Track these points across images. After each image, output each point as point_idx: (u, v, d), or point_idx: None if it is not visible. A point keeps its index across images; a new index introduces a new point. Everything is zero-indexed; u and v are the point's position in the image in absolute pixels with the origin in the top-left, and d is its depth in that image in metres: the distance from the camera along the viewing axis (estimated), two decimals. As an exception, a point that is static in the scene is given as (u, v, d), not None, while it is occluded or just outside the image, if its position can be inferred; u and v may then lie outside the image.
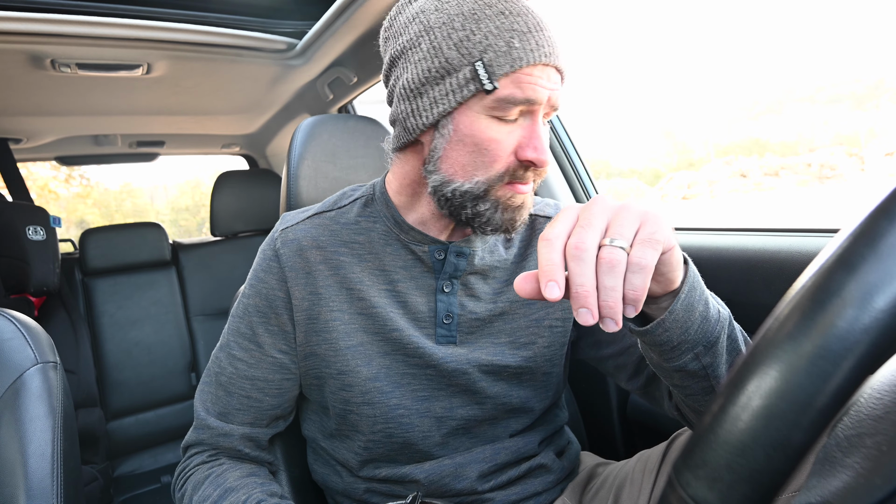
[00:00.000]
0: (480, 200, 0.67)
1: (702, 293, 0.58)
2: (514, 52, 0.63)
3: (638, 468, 0.80)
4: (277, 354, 0.77)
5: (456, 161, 0.67)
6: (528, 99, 0.64)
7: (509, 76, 0.63)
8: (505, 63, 0.63)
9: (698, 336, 0.57)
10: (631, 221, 0.48)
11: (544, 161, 0.66)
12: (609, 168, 7.44)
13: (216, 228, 2.44)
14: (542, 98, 0.65)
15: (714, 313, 0.59)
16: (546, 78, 0.65)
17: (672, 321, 0.56)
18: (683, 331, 0.56)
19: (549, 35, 0.65)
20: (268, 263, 0.77)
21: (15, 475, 0.68)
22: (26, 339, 0.76)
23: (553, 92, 0.66)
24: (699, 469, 0.28)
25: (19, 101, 1.85)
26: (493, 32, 0.63)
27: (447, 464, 0.76)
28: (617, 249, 0.46)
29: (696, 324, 0.57)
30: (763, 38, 11.63)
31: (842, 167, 3.86)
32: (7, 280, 1.84)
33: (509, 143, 0.66)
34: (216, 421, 0.78)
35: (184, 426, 2.35)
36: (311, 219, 0.79)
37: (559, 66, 0.66)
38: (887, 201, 0.26)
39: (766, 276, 0.95)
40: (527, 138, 0.65)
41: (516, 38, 0.63)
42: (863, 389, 0.29)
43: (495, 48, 0.63)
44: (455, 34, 0.65)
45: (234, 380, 0.77)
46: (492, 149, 0.66)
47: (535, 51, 0.63)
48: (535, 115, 0.66)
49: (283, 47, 1.60)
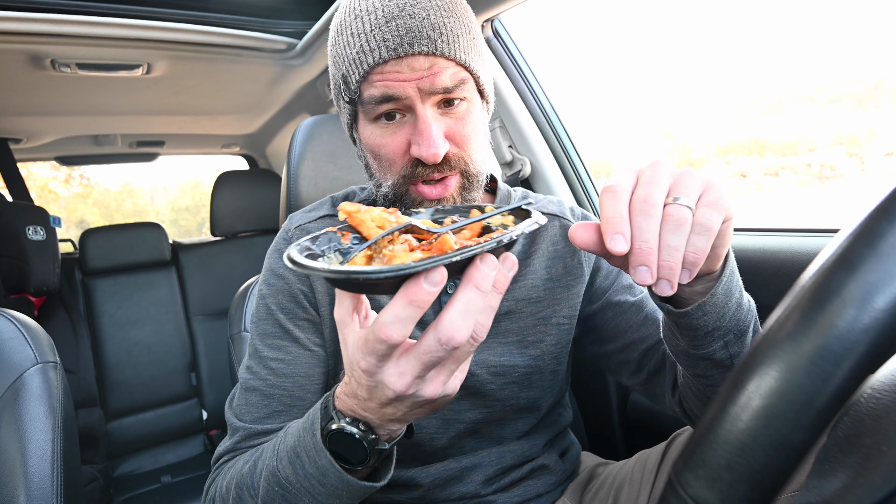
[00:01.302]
0: (396, 205, 0.68)
1: (738, 280, 0.57)
2: (360, 57, 0.63)
3: (637, 468, 0.80)
4: (314, 347, 0.74)
5: (373, 167, 0.70)
6: (386, 96, 0.62)
7: (366, 80, 0.64)
8: (355, 70, 0.63)
9: (732, 323, 0.57)
10: (696, 184, 0.46)
11: (431, 157, 0.62)
12: (609, 168, 7.41)
13: (216, 228, 2.44)
14: (403, 92, 0.62)
15: (746, 303, 0.59)
16: (406, 69, 0.61)
17: (712, 304, 0.54)
18: (720, 316, 0.55)
19: (399, 24, 0.60)
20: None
21: (15, 475, 0.68)
22: (26, 339, 0.76)
23: (422, 81, 0.61)
24: (699, 469, 0.28)
25: (19, 101, 1.86)
26: (349, 41, 0.64)
27: (453, 467, 0.76)
28: (684, 208, 0.44)
29: (732, 310, 0.56)
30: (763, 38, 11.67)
31: (842, 167, 3.87)
32: (7, 280, 1.84)
33: (399, 144, 0.65)
34: (256, 425, 0.70)
35: (184, 426, 2.35)
36: (322, 220, 0.79)
37: (419, 52, 0.61)
38: (887, 201, 0.26)
39: (766, 276, 0.95)
40: (413, 134, 0.64)
41: (362, 40, 0.62)
42: (863, 389, 0.29)
43: (349, 57, 0.64)
44: (332, 51, 0.67)
45: (271, 382, 0.71)
46: (382, 153, 0.67)
47: (377, 49, 0.61)
48: (416, 109, 0.63)
49: (283, 47, 1.60)
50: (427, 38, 0.61)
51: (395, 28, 0.60)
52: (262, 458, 0.60)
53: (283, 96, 2.09)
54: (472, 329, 0.41)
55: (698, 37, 4.83)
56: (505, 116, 1.46)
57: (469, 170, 0.67)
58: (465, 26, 0.64)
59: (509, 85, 1.43)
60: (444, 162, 0.65)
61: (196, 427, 2.38)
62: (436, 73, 0.62)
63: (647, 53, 5.63)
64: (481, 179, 0.70)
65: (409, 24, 0.60)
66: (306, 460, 0.53)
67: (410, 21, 0.60)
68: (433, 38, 0.61)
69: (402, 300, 0.39)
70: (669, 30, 4.92)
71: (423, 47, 0.61)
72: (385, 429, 0.50)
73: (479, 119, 0.68)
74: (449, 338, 0.40)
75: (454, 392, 0.46)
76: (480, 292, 0.40)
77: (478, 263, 0.40)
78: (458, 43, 0.63)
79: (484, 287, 0.40)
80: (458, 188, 0.68)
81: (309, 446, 0.52)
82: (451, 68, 0.63)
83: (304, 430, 0.54)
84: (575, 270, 0.78)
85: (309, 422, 0.54)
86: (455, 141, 0.66)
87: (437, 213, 0.56)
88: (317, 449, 0.52)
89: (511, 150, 1.48)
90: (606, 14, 5.10)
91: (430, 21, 0.61)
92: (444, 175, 0.66)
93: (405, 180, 0.66)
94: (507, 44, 1.40)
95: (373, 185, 0.73)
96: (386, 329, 0.39)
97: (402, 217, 0.49)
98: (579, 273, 0.78)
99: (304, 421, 0.55)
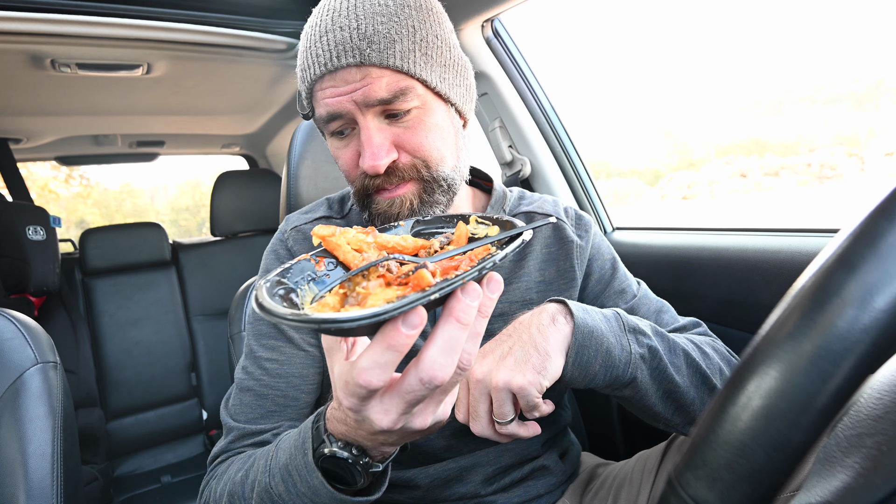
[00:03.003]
0: (362, 211, 0.70)
1: (598, 348, 0.61)
2: (302, 74, 0.65)
3: (637, 468, 0.79)
4: (309, 347, 0.74)
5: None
6: (330, 115, 0.63)
7: (313, 97, 0.65)
8: (303, 88, 0.65)
9: (608, 381, 0.62)
10: (507, 401, 0.58)
11: (373, 168, 0.62)
12: (609, 168, 7.44)
13: (216, 228, 2.44)
14: (341, 108, 0.62)
15: (622, 357, 0.62)
16: (341, 82, 0.61)
17: (570, 379, 0.61)
18: (588, 381, 0.62)
19: (329, 38, 0.60)
20: (281, 261, 0.77)
21: (15, 475, 0.68)
22: (26, 339, 0.76)
23: (355, 93, 0.61)
24: (699, 469, 0.28)
25: (19, 101, 1.85)
26: (299, 59, 0.66)
27: (452, 467, 0.76)
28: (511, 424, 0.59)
29: (601, 374, 0.61)
30: (763, 38, 11.65)
31: (842, 167, 3.87)
32: (7, 280, 1.84)
33: (351, 156, 0.67)
34: (250, 425, 0.70)
35: (184, 426, 2.35)
36: (318, 221, 0.80)
37: (349, 64, 0.60)
38: (887, 201, 0.26)
39: (766, 276, 0.95)
40: (360, 146, 0.64)
41: (303, 57, 0.64)
42: (863, 389, 0.29)
43: (298, 75, 0.66)
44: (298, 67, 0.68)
45: (265, 383, 0.72)
46: (341, 165, 0.69)
47: (312, 65, 0.62)
48: (358, 122, 0.63)
49: (283, 47, 1.60)
50: (355, 49, 0.60)
51: (326, 43, 0.61)
52: (254, 469, 0.60)
53: (283, 96, 2.09)
54: (456, 364, 0.39)
55: (699, 37, 4.85)
56: (505, 116, 1.46)
57: (425, 176, 0.66)
58: (406, 29, 0.62)
59: (509, 85, 1.43)
60: (392, 172, 0.65)
61: (196, 427, 2.38)
62: (368, 83, 0.61)
63: (647, 53, 5.65)
64: (448, 183, 0.69)
65: (337, 36, 0.60)
66: (298, 479, 0.52)
67: (340, 34, 0.60)
68: (361, 49, 0.60)
69: (380, 345, 0.37)
70: (669, 30, 4.93)
71: (350, 59, 0.60)
72: (378, 451, 0.50)
73: (436, 125, 0.66)
74: (431, 377, 0.38)
75: (445, 417, 0.46)
76: (462, 325, 0.38)
77: (459, 295, 0.38)
78: (393, 49, 0.61)
79: (466, 320, 0.38)
80: (416, 193, 0.67)
81: (300, 465, 0.52)
82: (386, 77, 0.61)
83: (296, 449, 0.54)
84: (567, 274, 0.79)
85: (300, 440, 0.54)
86: (406, 149, 0.65)
87: (417, 224, 0.53)
88: (308, 469, 0.51)
89: (511, 150, 1.48)
90: (606, 14, 5.13)
91: (359, 31, 0.60)
92: (397, 185, 0.66)
93: (361, 192, 0.68)
94: (507, 44, 1.40)
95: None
96: (365, 375, 0.38)
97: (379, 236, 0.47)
98: (571, 276, 0.79)
99: (295, 438, 0.55)
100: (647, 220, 1.40)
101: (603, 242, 0.84)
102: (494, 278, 0.41)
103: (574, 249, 0.79)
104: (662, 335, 0.66)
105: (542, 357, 0.58)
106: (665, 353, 0.64)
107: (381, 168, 0.62)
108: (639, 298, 0.80)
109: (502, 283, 0.42)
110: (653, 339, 0.65)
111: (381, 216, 0.68)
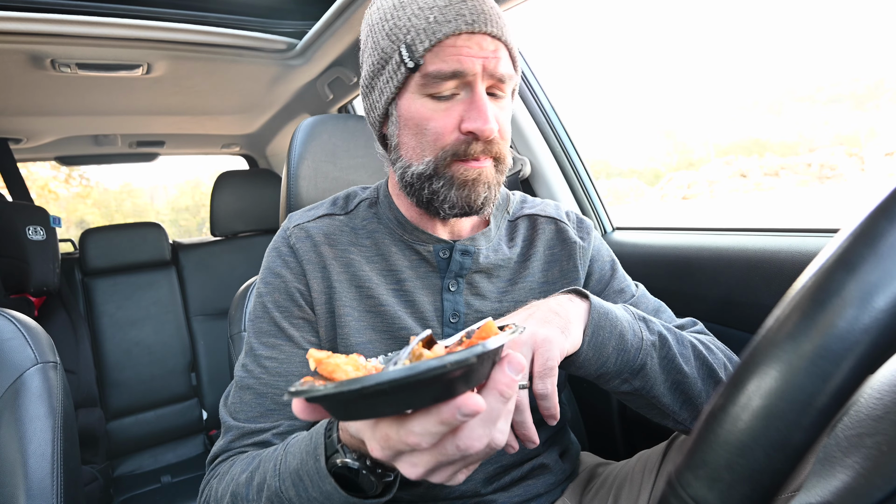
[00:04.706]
0: (433, 179, 0.68)
1: (613, 328, 0.60)
2: (432, 27, 0.64)
3: (638, 468, 0.80)
4: (308, 346, 0.74)
5: (407, 145, 0.70)
6: (455, 71, 0.64)
7: (432, 51, 0.65)
8: (425, 39, 0.64)
9: (619, 367, 0.61)
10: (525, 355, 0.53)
11: (486, 131, 0.64)
12: (609, 168, 7.45)
13: (216, 228, 2.44)
14: (472, 68, 0.64)
15: (634, 342, 0.61)
16: (476, 46, 0.64)
17: (584, 360, 0.60)
18: (599, 365, 0.60)
19: (473, 5, 0.64)
20: (283, 259, 0.76)
21: (15, 475, 0.68)
22: (26, 339, 0.76)
23: (488, 60, 0.64)
24: (699, 469, 0.28)
25: (19, 101, 1.85)
26: (416, 13, 0.65)
27: None
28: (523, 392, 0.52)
29: (612, 357, 0.60)
30: (763, 38, 11.61)
31: (842, 167, 3.86)
32: (7, 280, 1.84)
33: (450, 119, 0.66)
34: (249, 424, 0.70)
35: (184, 426, 2.35)
36: (321, 219, 0.79)
37: (490, 32, 0.64)
38: (887, 201, 0.26)
39: (766, 276, 0.95)
40: (467, 111, 0.65)
41: (435, 12, 0.64)
42: (863, 389, 0.29)
43: (416, 27, 0.65)
44: (386, 24, 0.68)
45: (265, 381, 0.72)
46: (432, 127, 0.67)
47: (453, 20, 0.63)
48: (474, 87, 0.65)
49: (283, 47, 1.60)
50: (497, 22, 0.65)
51: (471, 6, 0.64)
52: (260, 471, 0.60)
53: (283, 96, 2.09)
54: (491, 437, 0.41)
55: (699, 37, 4.86)
56: (505, 116, 1.46)
57: (502, 160, 0.70)
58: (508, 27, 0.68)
59: (509, 85, 1.43)
60: (489, 144, 0.67)
61: (196, 427, 2.38)
62: (499, 57, 0.65)
63: (647, 53, 5.65)
64: (504, 176, 0.72)
65: (480, 6, 0.65)
66: (309, 485, 0.53)
67: (482, 4, 0.65)
68: (500, 25, 0.65)
69: (435, 419, 0.38)
70: (670, 30, 4.94)
71: (493, 28, 0.65)
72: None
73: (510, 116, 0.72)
74: (468, 446, 0.40)
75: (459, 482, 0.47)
76: (503, 399, 0.41)
77: (504, 368, 0.40)
78: (511, 37, 0.67)
79: (508, 394, 0.40)
80: (493, 173, 0.70)
81: (312, 471, 0.53)
82: (507, 59, 0.67)
83: (307, 454, 0.54)
84: (570, 274, 0.79)
85: (312, 446, 0.54)
86: (499, 127, 0.68)
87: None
88: (320, 475, 0.52)
89: (511, 150, 1.48)
90: (607, 14, 5.13)
91: (495, 10, 0.66)
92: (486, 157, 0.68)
93: (451, 157, 0.67)
94: (507, 44, 1.40)
95: (400, 165, 0.71)
96: (413, 438, 0.39)
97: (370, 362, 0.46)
98: (575, 277, 0.79)
99: (306, 443, 0.56)
100: (647, 219, 1.40)
101: (602, 245, 0.86)
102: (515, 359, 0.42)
103: (577, 250, 0.80)
104: (669, 328, 0.67)
105: (563, 321, 0.58)
106: (674, 343, 0.65)
107: (494, 132, 0.65)
108: (637, 298, 0.81)
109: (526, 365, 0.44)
110: (662, 328, 0.65)
111: (462, 188, 0.68)
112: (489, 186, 0.69)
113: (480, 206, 0.69)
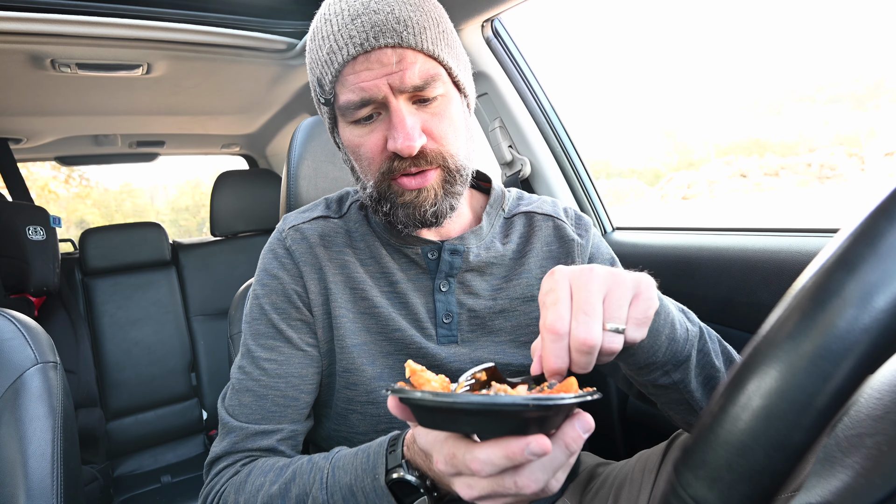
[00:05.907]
0: (381, 202, 0.69)
1: (667, 316, 0.59)
2: (330, 58, 0.63)
3: (638, 468, 0.79)
4: (307, 347, 0.74)
5: (357, 170, 0.71)
6: (362, 99, 0.62)
7: (339, 82, 0.64)
8: (327, 72, 0.64)
9: (667, 357, 0.59)
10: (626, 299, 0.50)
11: (406, 149, 0.62)
12: (609, 168, 7.44)
13: (216, 228, 2.44)
14: (376, 92, 0.62)
15: (682, 332, 0.60)
16: (376, 65, 0.61)
17: (638, 347, 0.57)
18: (651, 354, 0.58)
19: (364, 20, 0.60)
20: (280, 261, 0.76)
21: (15, 475, 0.68)
22: (26, 339, 0.76)
23: (391, 76, 0.61)
24: (699, 469, 0.28)
25: (19, 101, 1.85)
26: (319, 44, 0.64)
27: None
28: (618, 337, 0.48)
29: (664, 347, 0.58)
30: (763, 38, 11.59)
31: (842, 167, 3.86)
32: (7, 280, 1.84)
33: (376, 142, 0.65)
34: (252, 425, 0.70)
35: (184, 426, 2.35)
36: (316, 221, 0.79)
37: (386, 45, 0.60)
38: (887, 201, 0.26)
39: (766, 276, 0.95)
40: (388, 130, 0.64)
41: (330, 41, 0.62)
42: (863, 389, 0.29)
43: (321, 60, 0.64)
44: (309, 56, 0.68)
45: (264, 383, 0.71)
46: (363, 153, 0.67)
47: (345, 46, 0.61)
48: (389, 105, 0.63)
49: (283, 47, 1.60)
50: (392, 31, 0.61)
51: (361, 24, 0.61)
52: (298, 483, 0.61)
53: (283, 96, 2.09)
54: (547, 483, 0.43)
55: (699, 37, 4.85)
56: (505, 116, 1.46)
57: (449, 165, 0.67)
58: (432, 20, 0.64)
59: (509, 85, 1.43)
60: (421, 156, 0.65)
61: (196, 427, 2.38)
62: (405, 67, 0.61)
63: (647, 53, 5.64)
64: (465, 175, 0.70)
65: (373, 18, 0.61)
66: (363, 501, 0.55)
67: (375, 16, 0.61)
68: (398, 31, 0.61)
69: (501, 451, 0.40)
70: (670, 30, 4.93)
71: (388, 39, 0.61)
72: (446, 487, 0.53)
73: (456, 114, 0.68)
74: (524, 485, 0.42)
75: None
76: (568, 452, 0.43)
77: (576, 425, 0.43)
78: (426, 34, 0.62)
79: (574, 448, 0.43)
80: (440, 182, 0.67)
81: (368, 489, 0.55)
82: (420, 62, 0.62)
83: (364, 472, 0.56)
84: None
85: (370, 463, 0.56)
86: (432, 136, 0.66)
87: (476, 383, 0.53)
88: (378, 493, 0.54)
89: (511, 150, 1.48)
90: (607, 14, 5.12)
91: (394, 15, 0.61)
92: (423, 169, 0.66)
93: (385, 176, 0.67)
94: (507, 44, 1.40)
95: (359, 188, 0.73)
96: (477, 464, 0.41)
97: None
98: None
99: (362, 460, 0.57)
100: (647, 219, 1.40)
101: (602, 243, 0.85)
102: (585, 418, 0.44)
103: (575, 248, 0.79)
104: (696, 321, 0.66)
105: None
106: (707, 337, 0.64)
107: (415, 148, 0.62)
108: None
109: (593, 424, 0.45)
110: (698, 321, 0.65)
111: (406, 208, 0.67)
112: (437, 196, 0.67)
113: (432, 219, 0.68)
